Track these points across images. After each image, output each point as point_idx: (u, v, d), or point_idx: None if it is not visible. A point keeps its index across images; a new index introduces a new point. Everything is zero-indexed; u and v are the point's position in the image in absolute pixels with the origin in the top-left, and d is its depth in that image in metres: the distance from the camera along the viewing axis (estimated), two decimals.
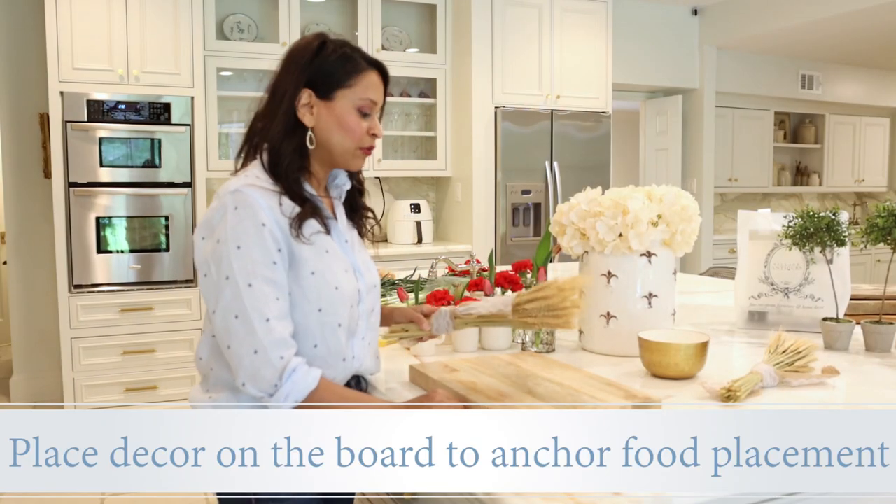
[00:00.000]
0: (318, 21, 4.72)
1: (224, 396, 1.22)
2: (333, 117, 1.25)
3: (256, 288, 1.13)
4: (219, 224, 1.16)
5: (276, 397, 1.13)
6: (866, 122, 7.69)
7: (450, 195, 5.02)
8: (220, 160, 4.36)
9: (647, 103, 6.58)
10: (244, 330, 1.13)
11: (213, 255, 1.16)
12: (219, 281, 1.15)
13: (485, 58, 4.68)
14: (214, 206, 1.19)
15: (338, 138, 1.26)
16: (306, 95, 1.25)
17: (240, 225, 1.15)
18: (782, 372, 1.33)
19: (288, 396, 1.13)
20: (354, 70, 1.26)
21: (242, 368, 1.13)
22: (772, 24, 5.60)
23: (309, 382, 1.15)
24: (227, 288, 1.14)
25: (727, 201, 7.21)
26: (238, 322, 1.13)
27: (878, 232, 1.59)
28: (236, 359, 1.14)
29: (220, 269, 1.15)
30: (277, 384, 1.13)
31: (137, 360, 4.01)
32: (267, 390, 1.13)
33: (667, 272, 1.58)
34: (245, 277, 1.13)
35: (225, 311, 1.14)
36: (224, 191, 1.19)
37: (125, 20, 3.86)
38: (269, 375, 1.12)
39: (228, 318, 1.14)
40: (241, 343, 1.13)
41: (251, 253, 1.14)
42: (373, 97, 1.27)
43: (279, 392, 1.13)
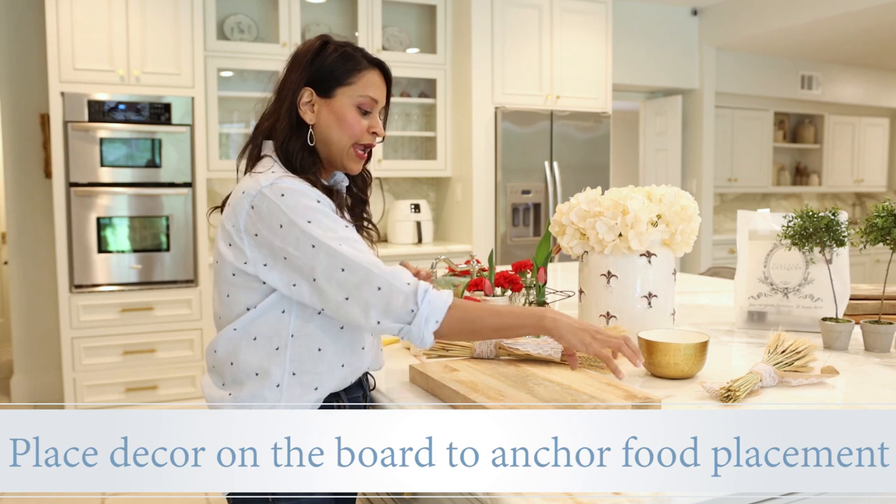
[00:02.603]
0: (318, 21, 4.72)
1: (247, 391, 1.22)
2: (333, 115, 1.26)
3: (348, 244, 1.15)
4: (269, 215, 1.16)
5: (416, 322, 1.13)
6: (866, 123, 7.69)
7: (450, 195, 5.02)
8: (220, 160, 4.36)
9: (646, 103, 6.58)
10: (358, 276, 1.13)
11: (283, 240, 1.15)
12: (305, 254, 1.14)
13: (485, 58, 4.68)
14: (245, 204, 1.18)
15: (336, 135, 1.27)
16: (307, 94, 1.27)
17: (297, 205, 1.15)
18: (782, 372, 1.33)
19: (428, 318, 1.13)
20: (355, 68, 1.27)
21: (372, 308, 1.13)
22: (771, 25, 5.60)
23: (445, 299, 1.14)
24: (320, 253, 1.13)
25: (727, 201, 7.21)
26: (347, 273, 1.13)
27: (877, 232, 1.59)
28: (360, 305, 1.13)
29: (300, 245, 1.14)
30: (414, 308, 1.13)
31: (138, 360, 4.01)
32: (405, 318, 1.13)
33: (666, 272, 1.59)
34: (333, 240, 1.14)
35: (327, 272, 1.13)
36: (254, 188, 1.18)
37: (126, 20, 3.86)
38: (402, 302, 1.12)
39: (334, 274, 1.13)
40: (361, 287, 1.12)
41: (325, 221, 1.15)
42: (373, 95, 1.28)
43: (418, 315, 1.12)
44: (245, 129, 4.68)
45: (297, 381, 1.22)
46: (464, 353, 1.49)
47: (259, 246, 1.17)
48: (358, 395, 1.33)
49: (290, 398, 1.21)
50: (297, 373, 1.22)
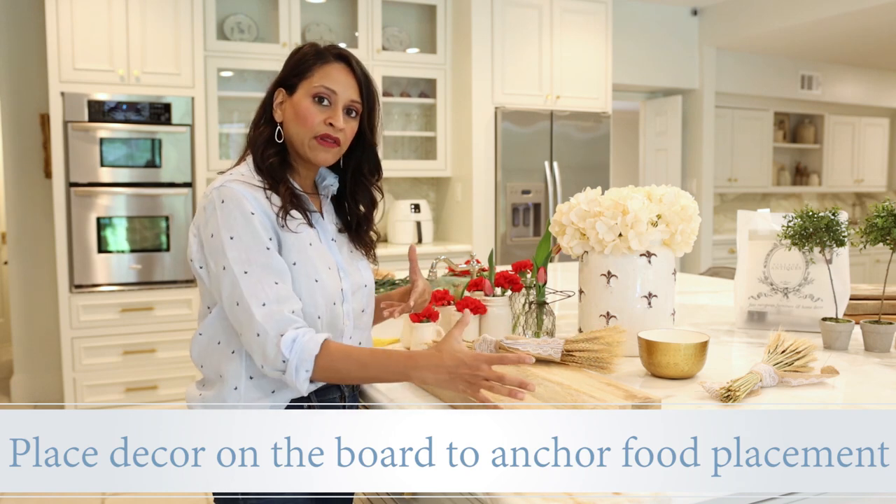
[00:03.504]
0: (318, 21, 4.72)
1: (214, 392, 1.25)
2: (292, 108, 1.29)
3: (252, 274, 1.16)
4: (209, 220, 1.20)
5: (288, 372, 1.14)
6: (866, 123, 7.70)
7: (450, 195, 5.02)
8: (220, 160, 4.36)
9: (646, 103, 6.58)
10: (245, 316, 1.15)
11: (208, 250, 1.20)
12: (218, 273, 1.18)
13: (485, 58, 4.68)
14: (202, 204, 1.23)
15: (294, 129, 1.28)
16: (280, 95, 1.31)
17: (230, 216, 1.18)
18: (782, 372, 1.33)
19: (298, 367, 1.13)
20: (317, 62, 1.29)
21: (255, 353, 1.16)
22: (771, 25, 5.60)
23: (311, 348, 1.14)
24: (226, 278, 1.16)
25: (727, 201, 7.21)
26: (239, 309, 1.16)
27: (877, 232, 1.59)
28: (248, 345, 1.17)
29: (216, 261, 1.18)
30: (285, 359, 1.13)
31: (138, 359, 4.01)
32: (279, 367, 1.14)
33: (666, 272, 1.59)
34: (240, 265, 1.16)
35: (228, 300, 1.17)
36: (210, 188, 1.23)
37: (126, 20, 3.86)
38: (275, 353, 1.13)
39: (232, 306, 1.17)
40: (247, 329, 1.15)
41: (243, 241, 1.17)
42: (329, 85, 1.27)
43: (289, 366, 1.13)
44: (245, 129, 4.67)
45: (254, 385, 1.23)
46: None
47: (199, 247, 1.23)
48: (334, 397, 1.32)
49: (248, 401, 1.23)
50: (253, 377, 1.24)
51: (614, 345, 1.38)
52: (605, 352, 1.38)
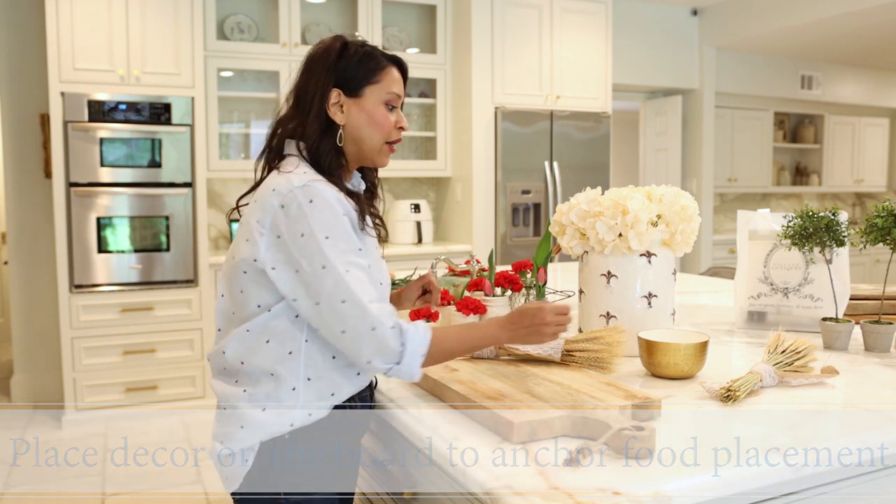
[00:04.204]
0: (318, 21, 4.72)
1: (265, 391, 1.22)
2: (364, 113, 1.30)
3: (353, 273, 1.17)
4: (297, 219, 1.17)
5: (404, 360, 1.17)
6: (866, 123, 7.70)
7: (450, 195, 5.02)
8: (220, 160, 4.37)
9: (646, 103, 6.58)
10: (356, 312, 1.15)
11: (296, 250, 1.17)
12: (315, 273, 1.16)
13: (485, 58, 4.68)
14: (278, 202, 1.19)
15: (368, 133, 1.31)
16: (335, 95, 1.29)
17: (322, 216, 1.17)
18: (782, 372, 1.33)
19: (414, 353, 1.17)
20: (377, 66, 1.32)
21: (365, 347, 1.16)
22: (771, 25, 5.60)
23: (424, 334, 1.18)
24: (327, 277, 1.16)
25: (727, 201, 7.21)
26: (347, 306, 1.15)
27: (877, 232, 1.59)
28: (356, 340, 1.16)
29: (312, 261, 1.16)
30: (401, 349, 1.16)
31: (138, 360, 4.01)
32: (394, 358, 1.16)
33: (666, 272, 1.59)
34: (343, 265, 1.16)
35: (330, 298, 1.16)
36: (285, 187, 1.19)
37: (125, 20, 3.86)
38: (393, 344, 1.16)
39: (335, 305, 1.16)
40: (357, 324, 1.15)
41: (339, 242, 1.17)
42: (397, 91, 1.35)
43: (405, 353, 1.16)
44: (245, 128, 4.68)
45: (312, 387, 1.23)
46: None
47: (277, 248, 1.19)
48: (367, 395, 1.35)
49: (306, 402, 1.22)
50: (311, 378, 1.23)
51: (614, 345, 1.39)
52: (605, 352, 1.39)
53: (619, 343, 1.40)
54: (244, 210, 1.28)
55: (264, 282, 1.21)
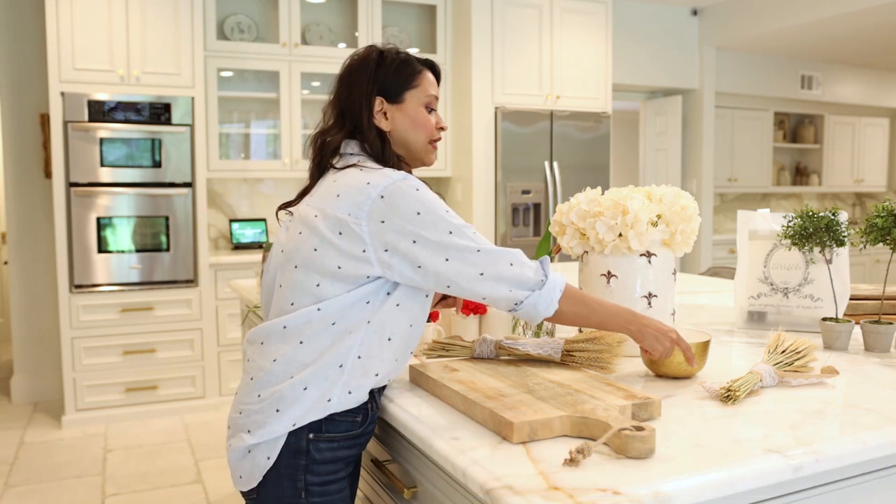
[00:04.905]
0: (318, 21, 4.72)
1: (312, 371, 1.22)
2: (407, 117, 1.38)
3: (477, 235, 1.28)
4: (407, 203, 1.23)
5: (547, 286, 1.26)
6: (866, 123, 7.70)
7: (450, 195, 5.02)
8: (220, 160, 4.37)
9: (646, 104, 6.58)
10: (492, 256, 1.25)
11: (418, 224, 1.23)
12: (441, 237, 1.23)
13: (485, 58, 4.69)
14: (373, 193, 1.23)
15: (413, 136, 1.39)
16: (378, 103, 1.36)
17: (433, 198, 1.27)
18: (782, 372, 1.33)
19: (555, 282, 1.27)
20: (415, 71, 1.39)
21: (504, 282, 1.25)
22: (771, 25, 5.61)
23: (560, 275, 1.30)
24: (457, 237, 1.24)
25: (727, 201, 7.21)
26: (482, 254, 1.24)
27: (877, 232, 1.59)
28: (495, 279, 1.24)
29: (437, 228, 1.23)
30: (543, 278, 1.27)
31: (138, 359, 4.01)
32: (536, 285, 1.26)
33: (666, 272, 1.59)
34: (467, 228, 1.26)
35: (462, 253, 1.23)
36: (384, 181, 1.25)
37: (126, 20, 3.86)
38: (533, 273, 1.26)
39: (469, 256, 1.24)
40: (496, 264, 1.25)
41: (456, 217, 1.27)
42: (434, 93, 1.41)
43: (548, 281, 1.27)
44: (245, 128, 4.68)
45: (360, 365, 1.24)
46: (464, 353, 1.49)
47: (382, 231, 1.23)
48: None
49: (350, 379, 1.23)
50: (362, 356, 1.25)
51: (614, 345, 1.39)
52: (605, 352, 1.39)
53: (619, 343, 1.40)
54: (309, 208, 1.29)
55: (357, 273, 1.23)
